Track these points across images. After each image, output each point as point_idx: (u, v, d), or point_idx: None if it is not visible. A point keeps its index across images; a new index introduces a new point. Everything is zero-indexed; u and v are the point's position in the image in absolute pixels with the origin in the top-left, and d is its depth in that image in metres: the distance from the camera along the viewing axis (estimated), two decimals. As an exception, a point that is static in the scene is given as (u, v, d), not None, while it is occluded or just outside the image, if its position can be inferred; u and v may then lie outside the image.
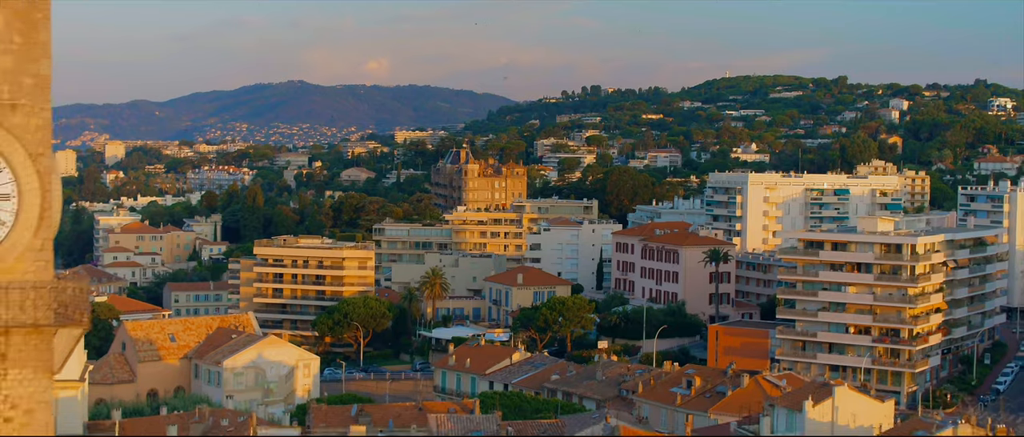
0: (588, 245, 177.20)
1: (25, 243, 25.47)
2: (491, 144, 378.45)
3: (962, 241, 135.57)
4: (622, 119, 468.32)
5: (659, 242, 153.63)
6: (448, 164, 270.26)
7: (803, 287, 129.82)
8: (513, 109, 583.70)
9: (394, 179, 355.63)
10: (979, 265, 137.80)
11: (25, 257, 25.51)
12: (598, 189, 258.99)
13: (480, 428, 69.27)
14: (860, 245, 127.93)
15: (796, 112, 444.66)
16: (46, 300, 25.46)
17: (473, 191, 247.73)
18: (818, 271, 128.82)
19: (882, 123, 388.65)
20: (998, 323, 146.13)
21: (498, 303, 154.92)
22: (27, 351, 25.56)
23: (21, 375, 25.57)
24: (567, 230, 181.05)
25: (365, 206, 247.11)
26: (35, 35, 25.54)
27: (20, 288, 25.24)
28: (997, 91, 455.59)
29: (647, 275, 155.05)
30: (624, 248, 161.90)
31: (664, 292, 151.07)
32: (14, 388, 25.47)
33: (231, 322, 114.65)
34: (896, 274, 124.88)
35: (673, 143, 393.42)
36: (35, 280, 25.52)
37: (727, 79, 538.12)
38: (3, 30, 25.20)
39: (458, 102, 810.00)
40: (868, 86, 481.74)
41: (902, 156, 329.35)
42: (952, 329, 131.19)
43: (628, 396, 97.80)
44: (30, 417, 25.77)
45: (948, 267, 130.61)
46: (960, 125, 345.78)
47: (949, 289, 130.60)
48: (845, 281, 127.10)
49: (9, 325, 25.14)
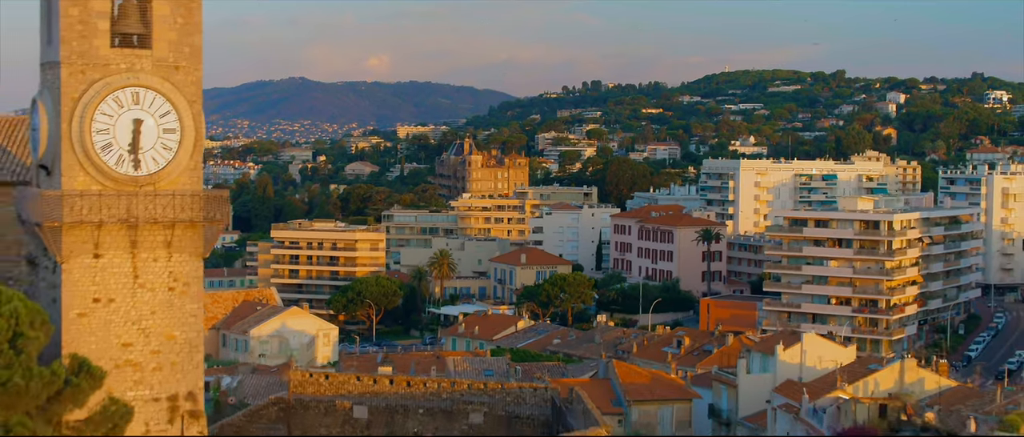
0: (588, 228, 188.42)
1: (185, 164, 36.61)
2: (493, 138, 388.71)
3: (937, 219, 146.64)
4: (622, 113, 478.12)
5: (655, 223, 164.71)
6: (452, 156, 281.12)
7: (788, 262, 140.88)
8: (514, 104, 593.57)
9: (397, 172, 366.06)
10: (954, 242, 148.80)
11: (185, 173, 36.66)
12: (598, 179, 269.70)
13: (491, 368, 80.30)
14: (841, 222, 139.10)
15: (794, 106, 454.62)
16: (199, 204, 36.60)
17: (477, 181, 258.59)
18: (802, 247, 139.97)
19: (877, 115, 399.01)
20: (974, 297, 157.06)
21: (503, 282, 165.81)
22: (185, 240, 36.70)
23: (181, 258, 36.70)
24: (568, 214, 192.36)
25: (372, 196, 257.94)
26: (191, 16, 36.63)
27: (181, 195, 36.38)
28: (994, 84, 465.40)
29: (643, 255, 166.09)
30: (622, 230, 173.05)
31: (659, 270, 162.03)
32: (177, 267, 36.61)
33: (255, 295, 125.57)
34: (874, 249, 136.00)
35: (672, 136, 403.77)
36: (191, 189, 36.66)
37: (726, 74, 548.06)
38: (169, 14, 36.28)
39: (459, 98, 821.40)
40: (866, 80, 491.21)
41: (896, 147, 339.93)
42: (928, 301, 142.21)
43: (623, 356, 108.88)
44: (188, 288, 36.90)
45: (923, 243, 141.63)
46: (953, 117, 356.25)
47: (925, 263, 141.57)
48: (827, 256, 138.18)
49: (175, 221, 36.24)
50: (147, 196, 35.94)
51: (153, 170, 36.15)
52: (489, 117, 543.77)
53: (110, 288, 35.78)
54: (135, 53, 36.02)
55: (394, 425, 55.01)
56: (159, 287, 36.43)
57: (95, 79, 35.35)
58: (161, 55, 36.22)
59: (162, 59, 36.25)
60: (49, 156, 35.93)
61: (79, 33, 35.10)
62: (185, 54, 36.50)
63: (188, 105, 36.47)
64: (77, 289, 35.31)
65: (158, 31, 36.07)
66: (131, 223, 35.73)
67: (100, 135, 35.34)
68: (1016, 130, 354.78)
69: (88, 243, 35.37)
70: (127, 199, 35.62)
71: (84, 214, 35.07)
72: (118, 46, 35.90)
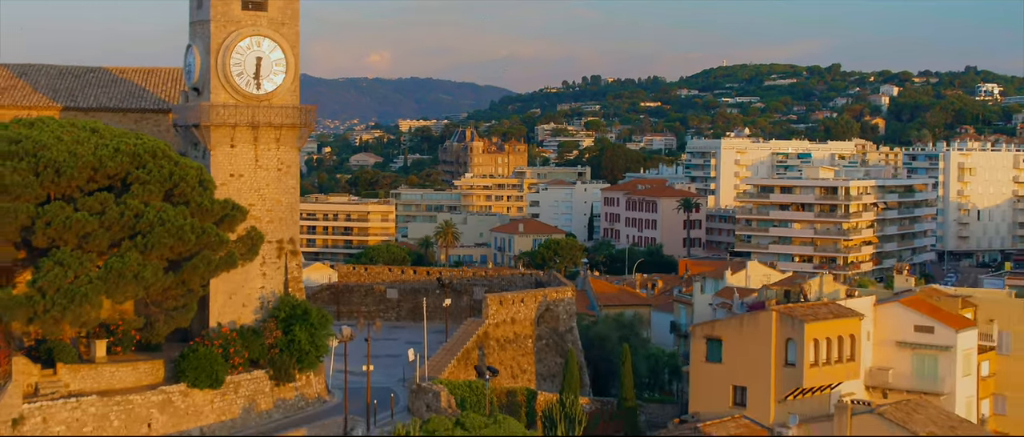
0: (581, 202, 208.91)
1: (288, 87, 57.02)
2: (493, 130, 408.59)
3: (892, 187, 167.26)
4: (621, 107, 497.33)
5: (640, 195, 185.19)
6: (454, 143, 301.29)
7: (758, 225, 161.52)
8: (515, 99, 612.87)
9: (401, 163, 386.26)
10: (908, 209, 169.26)
11: (288, 93, 57.07)
12: (594, 165, 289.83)
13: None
14: (804, 189, 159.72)
15: (789, 99, 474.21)
16: (296, 114, 57.02)
17: (478, 166, 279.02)
18: (769, 211, 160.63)
19: (867, 106, 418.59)
20: (929, 259, 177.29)
21: (503, 250, 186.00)
22: (288, 137, 57.11)
23: (285, 149, 57.14)
24: (562, 189, 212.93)
25: (379, 180, 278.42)
26: (291, -19, 57.03)
27: (285, 107, 56.77)
28: (987, 77, 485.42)
29: (630, 224, 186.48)
30: (611, 202, 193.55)
31: (644, 237, 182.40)
32: (282, 155, 57.03)
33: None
34: (833, 211, 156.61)
35: (669, 129, 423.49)
36: (292, 104, 57.09)
37: (724, 68, 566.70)
38: (275, -17, 56.71)
39: (460, 94, 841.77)
40: (860, 73, 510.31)
41: (883, 137, 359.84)
42: (883, 260, 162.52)
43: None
44: (290, 169, 57.31)
45: (878, 207, 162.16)
46: (939, 107, 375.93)
47: (879, 226, 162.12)
48: (791, 218, 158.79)
49: (281, 125, 56.64)
50: (264, 107, 56.36)
51: (268, 90, 56.62)
52: (490, 111, 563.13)
53: (240, 167, 56.18)
54: (256, 14, 56.44)
55: (417, 301, 75.27)
56: (271, 168, 56.89)
57: (231, 31, 55.78)
58: (273, 16, 56.66)
59: (273, 18, 56.70)
60: (201, 82, 56.34)
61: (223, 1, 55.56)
62: (288, 15, 56.95)
63: (290, 48, 56.92)
64: (220, 168, 55.63)
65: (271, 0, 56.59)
66: (254, 125, 56.17)
67: (235, 67, 55.76)
68: (1000, 120, 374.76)
69: (226, 137, 55.80)
70: (251, 109, 56.06)
71: (224, 118, 55.46)
72: (245, 9, 56.29)
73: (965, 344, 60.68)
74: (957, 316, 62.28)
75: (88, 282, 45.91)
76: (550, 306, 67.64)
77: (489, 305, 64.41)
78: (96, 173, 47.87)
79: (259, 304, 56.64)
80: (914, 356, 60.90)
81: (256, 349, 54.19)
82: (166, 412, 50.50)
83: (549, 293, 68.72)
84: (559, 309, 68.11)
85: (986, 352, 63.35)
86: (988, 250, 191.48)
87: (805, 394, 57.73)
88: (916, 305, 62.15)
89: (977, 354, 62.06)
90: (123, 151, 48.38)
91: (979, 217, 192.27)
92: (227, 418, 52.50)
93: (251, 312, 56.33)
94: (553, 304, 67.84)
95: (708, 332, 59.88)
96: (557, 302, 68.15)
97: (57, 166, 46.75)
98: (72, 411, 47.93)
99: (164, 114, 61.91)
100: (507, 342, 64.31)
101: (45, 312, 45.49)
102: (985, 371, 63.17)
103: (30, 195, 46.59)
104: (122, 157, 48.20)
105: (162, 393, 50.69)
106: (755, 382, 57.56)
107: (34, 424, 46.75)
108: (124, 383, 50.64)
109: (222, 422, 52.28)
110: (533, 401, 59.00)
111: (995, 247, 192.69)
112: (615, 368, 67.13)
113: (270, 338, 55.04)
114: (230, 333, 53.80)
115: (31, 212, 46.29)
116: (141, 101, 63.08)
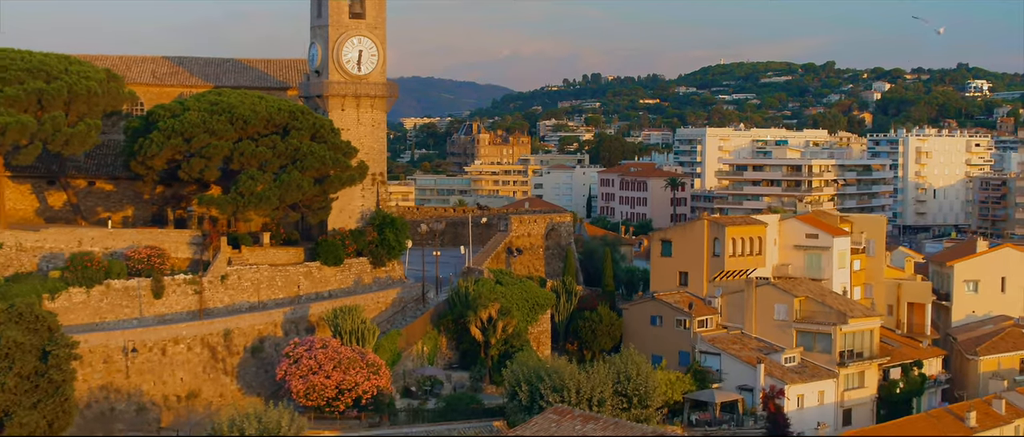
0: (580, 184, 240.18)
1: (379, 69, 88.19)
2: (496, 125, 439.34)
3: (851, 166, 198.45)
4: (621, 104, 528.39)
5: (632, 176, 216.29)
6: (462, 136, 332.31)
7: (733, 199, 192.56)
8: (516, 97, 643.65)
9: (409, 158, 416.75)
10: (866, 185, 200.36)
11: (379, 74, 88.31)
12: (592, 156, 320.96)
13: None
14: (772, 167, 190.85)
15: (784, 95, 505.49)
16: (384, 88, 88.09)
17: (484, 156, 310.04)
18: (743, 187, 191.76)
19: (856, 101, 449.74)
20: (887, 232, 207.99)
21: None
22: (378, 104, 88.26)
23: (376, 112, 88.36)
24: (563, 172, 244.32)
25: (391, 170, 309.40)
26: (382, 3, 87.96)
27: (377, 83, 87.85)
28: (978, 74, 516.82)
29: (623, 202, 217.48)
30: (607, 183, 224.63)
31: (636, 213, 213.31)
32: (376, 115, 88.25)
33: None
34: (798, 187, 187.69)
35: (667, 124, 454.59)
36: (382, 81, 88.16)
37: (721, 66, 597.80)
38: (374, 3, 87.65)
39: (462, 93, 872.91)
40: (854, 70, 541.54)
41: (870, 129, 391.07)
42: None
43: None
44: (378, 126, 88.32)
45: (838, 184, 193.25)
46: (924, 101, 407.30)
47: (840, 201, 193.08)
48: (761, 193, 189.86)
49: (375, 95, 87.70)
50: (363, 83, 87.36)
51: (366, 72, 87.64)
52: (492, 109, 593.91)
53: (347, 124, 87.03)
54: (358, 21, 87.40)
55: (457, 231, 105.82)
56: (368, 124, 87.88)
57: (342, 32, 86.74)
58: (369, 21, 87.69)
59: (370, 24, 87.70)
60: (322, 66, 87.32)
61: (335, 11, 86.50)
62: (379, 21, 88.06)
63: (380, 44, 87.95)
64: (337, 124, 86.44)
65: (368, 11, 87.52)
66: (356, 95, 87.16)
67: (345, 56, 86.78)
68: (982, 113, 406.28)
69: (338, 104, 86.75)
70: (355, 84, 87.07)
71: (337, 91, 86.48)
72: (351, 17, 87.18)
73: (840, 247, 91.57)
74: (836, 227, 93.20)
75: (268, 188, 77.01)
76: (555, 226, 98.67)
77: (512, 222, 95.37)
78: (268, 123, 78.99)
79: (359, 215, 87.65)
80: (806, 255, 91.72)
81: (361, 243, 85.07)
82: (309, 279, 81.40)
83: (554, 217, 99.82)
84: (561, 229, 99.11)
85: (859, 253, 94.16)
86: (943, 225, 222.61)
87: (728, 277, 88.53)
88: (807, 220, 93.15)
89: (850, 255, 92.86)
90: (284, 109, 79.52)
91: (935, 195, 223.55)
92: (345, 285, 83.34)
93: (354, 221, 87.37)
94: (557, 225, 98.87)
95: (662, 236, 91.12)
96: (560, 224, 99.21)
97: (244, 118, 77.84)
98: (253, 274, 78.94)
99: (282, 91, 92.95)
100: (525, 249, 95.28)
101: (243, 208, 76.63)
102: (858, 266, 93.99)
103: (229, 136, 77.70)
104: (284, 113, 79.34)
105: (305, 267, 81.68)
106: (693, 268, 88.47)
107: (232, 281, 77.72)
108: (281, 260, 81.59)
109: (342, 288, 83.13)
110: (544, 285, 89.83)
111: (949, 222, 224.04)
112: (601, 273, 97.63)
113: (369, 237, 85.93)
114: (346, 231, 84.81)
115: (230, 147, 77.35)
116: (265, 82, 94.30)
